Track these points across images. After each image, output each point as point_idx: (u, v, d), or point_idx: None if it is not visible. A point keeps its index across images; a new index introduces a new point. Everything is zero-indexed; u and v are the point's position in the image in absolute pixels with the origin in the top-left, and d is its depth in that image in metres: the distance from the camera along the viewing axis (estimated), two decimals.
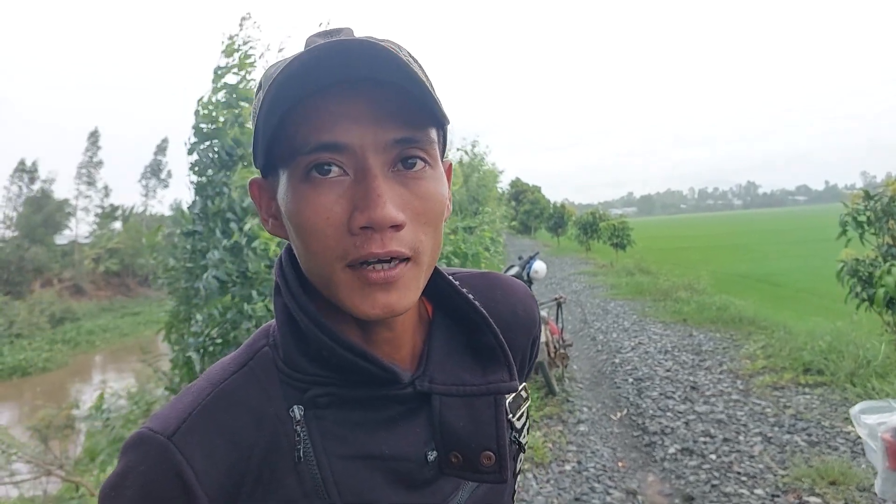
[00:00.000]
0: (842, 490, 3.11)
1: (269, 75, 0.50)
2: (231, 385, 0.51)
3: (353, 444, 0.52)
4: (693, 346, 6.81)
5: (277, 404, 0.51)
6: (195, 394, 0.51)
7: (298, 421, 0.51)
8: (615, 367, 6.22)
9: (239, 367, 0.53)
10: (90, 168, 39.28)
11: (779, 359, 5.59)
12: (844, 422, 4.02)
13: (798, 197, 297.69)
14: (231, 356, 0.55)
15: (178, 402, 0.51)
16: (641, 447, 4.08)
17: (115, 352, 19.51)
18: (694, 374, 5.61)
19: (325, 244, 0.47)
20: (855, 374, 4.74)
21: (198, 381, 0.53)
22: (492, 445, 0.56)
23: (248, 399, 0.51)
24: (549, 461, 3.87)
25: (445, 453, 0.56)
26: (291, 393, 0.52)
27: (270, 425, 0.51)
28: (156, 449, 0.47)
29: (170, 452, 0.47)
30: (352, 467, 0.52)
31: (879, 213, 5.07)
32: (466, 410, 0.56)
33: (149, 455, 0.47)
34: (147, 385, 5.33)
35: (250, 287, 2.90)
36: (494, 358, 0.58)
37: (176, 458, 0.47)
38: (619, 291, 12.00)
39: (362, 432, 0.53)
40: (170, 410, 0.50)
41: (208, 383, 0.52)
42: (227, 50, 3.34)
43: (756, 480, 3.34)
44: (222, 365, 0.54)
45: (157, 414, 0.51)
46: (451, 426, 0.56)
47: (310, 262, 0.49)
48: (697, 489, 3.33)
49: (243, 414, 0.50)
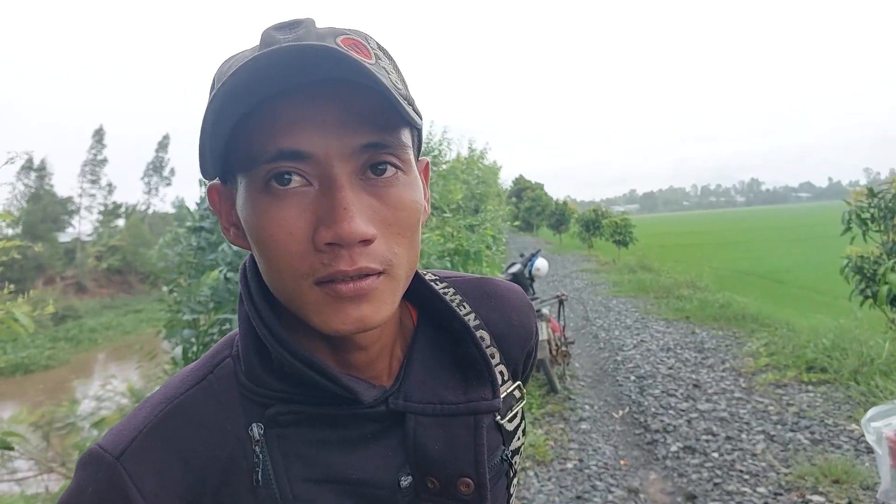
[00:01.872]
0: (845, 488, 3.09)
1: (223, 73, 0.45)
2: (187, 400, 0.48)
3: (319, 467, 0.49)
4: (695, 343, 6.79)
5: (236, 421, 0.48)
6: (149, 409, 0.48)
7: (258, 441, 0.47)
8: (617, 364, 6.20)
9: (197, 381, 0.50)
10: (94, 166, 39.35)
11: (782, 356, 5.56)
12: (848, 420, 4.00)
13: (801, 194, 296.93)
14: (192, 367, 0.52)
15: (132, 418, 0.48)
16: (643, 445, 4.06)
17: (117, 349, 19.55)
18: (696, 372, 5.59)
19: (288, 261, 0.43)
20: (859, 372, 4.71)
21: (156, 392, 0.50)
22: (469, 472, 0.51)
23: (204, 416, 0.48)
24: (550, 459, 3.86)
25: (421, 478, 0.51)
26: (253, 409, 0.48)
27: (229, 444, 0.47)
28: (104, 470, 0.45)
29: (117, 474, 0.44)
30: (315, 491, 0.48)
31: (884, 210, 5.04)
32: (443, 431, 0.52)
33: (98, 476, 0.45)
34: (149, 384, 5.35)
35: None
36: (477, 372, 0.54)
37: (123, 481, 0.44)
38: (621, 289, 11.97)
39: (329, 453, 0.49)
40: (123, 426, 0.47)
41: (164, 398, 0.49)
42: None
43: (759, 479, 3.32)
44: (181, 377, 0.50)
45: (113, 429, 0.48)
46: (426, 448, 0.51)
47: (274, 278, 0.46)
48: (700, 487, 3.32)
49: (199, 432, 0.47)
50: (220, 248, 2.89)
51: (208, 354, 0.53)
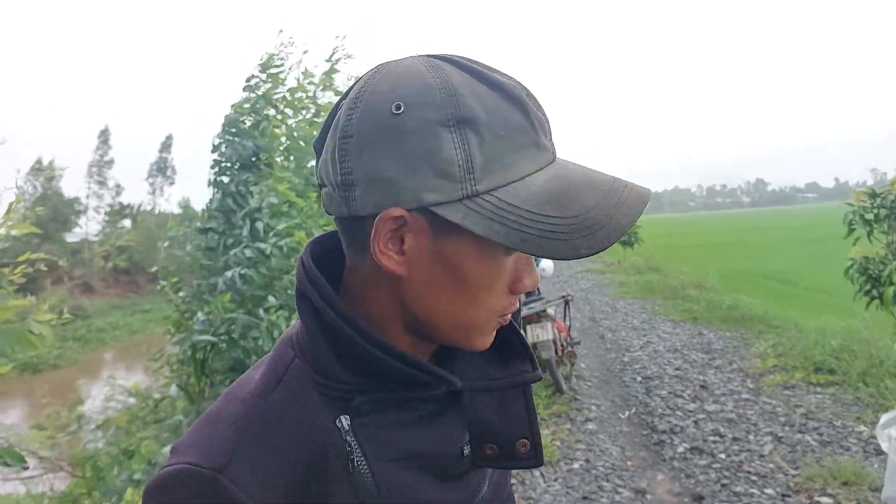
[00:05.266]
0: (854, 490, 3.07)
1: None
2: (271, 404, 0.50)
3: (395, 447, 0.53)
4: (703, 344, 6.77)
5: (320, 415, 0.51)
6: (235, 418, 0.50)
7: (347, 431, 0.51)
8: (624, 365, 6.19)
9: (275, 384, 0.52)
10: (101, 167, 39.60)
11: (790, 358, 5.54)
12: (857, 421, 3.98)
13: (808, 194, 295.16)
14: (260, 374, 0.53)
15: (215, 431, 0.49)
16: (650, 446, 4.05)
17: (125, 349, 19.66)
18: (704, 373, 5.57)
19: (494, 301, 0.52)
20: (868, 374, 4.69)
21: (229, 404, 0.51)
22: (525, 433, 0.59)
23: (291, 414, 0.50)
24: (557, 460, 3.86)
25: (479, 446, 0.58)
26: (330, 403, 0.52)
27: (317, 438, 0.50)
28: (209, 485, 0.46)
29: (223, 487, 0.46)
30: (397, 468, 0.53)
31: (888, 210, 5.02)
32: (497, 403, 0.59)
33: (202, 493, 0.46)
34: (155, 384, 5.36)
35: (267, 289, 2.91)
36: (515, 350, 0.60)
37: (230, 491, 0.46)
38: (627, 289, 11.95)
39: (402, 434, 0.54)
40: (209, 440, 0.48)
41: (246, 406, 0.50)
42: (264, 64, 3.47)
43: (766, 480, 3.31)
44: (255, 384, 0.52)
45: (191, 445, 0.49)
46: (484, 420, 0.59)
47: (467, 310, 0.51)
48: (707, 488, 3.31)
49: (289, 430, 0.50)
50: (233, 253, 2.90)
51: (272, 359, 0.55)
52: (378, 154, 0.46)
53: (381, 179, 0.46)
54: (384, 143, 0.46)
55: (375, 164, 0.46)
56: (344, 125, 0.48)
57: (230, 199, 3.28)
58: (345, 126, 0.48)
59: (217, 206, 3.27)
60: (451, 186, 0.46)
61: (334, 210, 0.50)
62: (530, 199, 0.46)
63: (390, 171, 0.46)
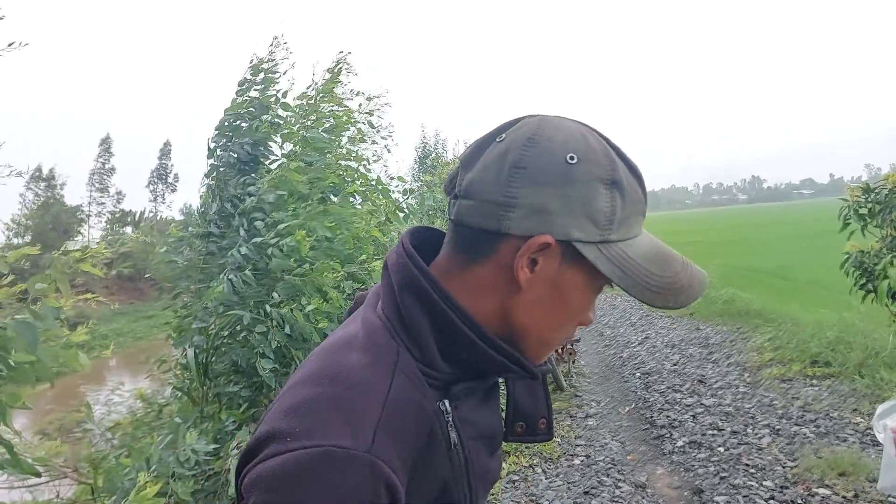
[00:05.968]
0: (851, 481, 3.11)
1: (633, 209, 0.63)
2: (396, 389, 0.56)
3: (474, 426, 0.64)
4: (700, 339, 6.82)
5: (429, 400, 0.59)
6: (373, 398, 0.54)
7: (449, 413, 0.60)
8: (623, 361, 6.24)
9: (392, 371, 0.57)
10: (102, 174, 39.51)
11: (786, 351, 5.59)
12: (853, 413, 4.03)
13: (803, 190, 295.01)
14: (365, 360, 0.58)
15: (351, 413, 0.53)
16: (650, 440, 4.10)
17: (129, 355, 19.61)
18: (701, 368, 5.62)
19: (569, 327, 0.65)
20: (863, 366, 4.74)
21: (344, 388, 0.55)
22: (545, 414, 0.76)
23: (414, 400, 0.57)
24: (558, 456, 3.90)
25: (512, 424, 0.74)
26: (433, 390, 0.60)
27: (429, 419, 0.58)
28: (362, 465, 0.50)
29: (376, 465, 0.50)
30: (476, 445, 0.64)
31: (882, 204, 5.07)
32: (527, 390, 0.76)
33: (355, 472, 0.49)
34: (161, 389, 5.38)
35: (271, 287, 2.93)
36: None
37: (383, 470, 0.50)
38: None
39: (478, 415, 0.66)
40: (351, 421, 0.52)
41: (374, 390, 0.55)
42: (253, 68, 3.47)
43: (765, 472, 3.35)
44: (367, 370, 0.57)
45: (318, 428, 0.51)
46: (521, 403, 0.75)
47: (551, 331, 0.64)
48: (706, 481, 3.35)
49: (413, 415, 0.56)
50: (230, 253, 2.92)
51: (377, 349, 0.59)
52: (547, 190, 0.57)
53: (542, 210, 0.57)
54: (555, 183, 0.57)
55: (542, 197, 0.57)
56: (518, 157, 0.58)
57: (228, 203, 3.29)
58: (518, 158, 0.58)
59: (216, 211, 3.29)
60: (593, 230, 0.58)
61: (475, 221, 0.59)
62: (640, 255, 0.60)
63: (553, 205, 0.57)
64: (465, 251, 0.61)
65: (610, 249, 0.58)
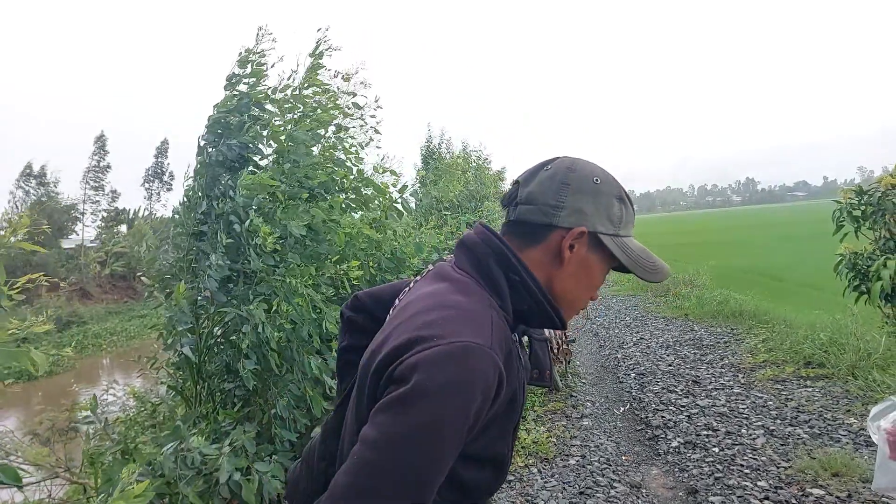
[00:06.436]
0: (845, 481, 3.12)
1: None
2: (496, 317, 0.82)
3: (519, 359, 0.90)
4: (694, 340, 6.84)
5: (509, 331, 0.86)
6: (485, 318, 0.80)
7: (517, 341, 0.91)
8: (618, 362, 6.24)
9: (489, 306, 0.83)
10: (97, 172, 39.22)
11: (780, 352, 5.62)
12: (846, 414, 4.05)
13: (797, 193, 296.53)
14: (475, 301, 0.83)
15: (477, 325, 0.77)
16: (645, 441, 4.10)
17: (122, 354, 19.52)
18: (696, 369, 5.64)
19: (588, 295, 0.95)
20: (856, 367, 4.76)
21: (467, 312, 0.79)
22: (549, 365, 1.38)
23: (503, 325, 0.83)
24: (553, 456, 3.90)
25: (528, 372, 0.99)
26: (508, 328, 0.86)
27: (510, 341, 0.84)
28: (490, 357, 0.73)
29: (496, 358, 0.74)
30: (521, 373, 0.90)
31: (874, 206, 5.11)
32: (540, 348, 1.39)
33: (486, 360, 0.73)
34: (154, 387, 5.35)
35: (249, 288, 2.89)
36: None
37: (498, 362, 0.74)
38: (620, 288, 12.01)
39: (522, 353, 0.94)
40: (476, 329, 0.76)
41: (487, 313, 0.81)
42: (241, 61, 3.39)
43: (759, 473, 3.36)
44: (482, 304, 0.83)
45: (459, 332, 0.74)
46: (538, 356, 1.37)
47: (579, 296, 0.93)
48: (701, 482, 3.36)
49: (505, 333, 0.82)
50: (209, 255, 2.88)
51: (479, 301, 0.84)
52: (584, 199, 0.88)
53: (581, 211, 0.87)
54: (589, 195, 0.88)
55: (581, 203, 0.88)
56: (564, 178, 0.89)
57: (214, 202, 3.24)
58: (564, 178, 0.88)
59: (203, 211, 3.24)
60: (611, 227, 0.89)
61: (534, 218, 0.89)
62: (636, 247, 0.92)
63: (587, 209, 0.88)
64: (524, 238, 0.90)
65: (619, 241, 0.90)
